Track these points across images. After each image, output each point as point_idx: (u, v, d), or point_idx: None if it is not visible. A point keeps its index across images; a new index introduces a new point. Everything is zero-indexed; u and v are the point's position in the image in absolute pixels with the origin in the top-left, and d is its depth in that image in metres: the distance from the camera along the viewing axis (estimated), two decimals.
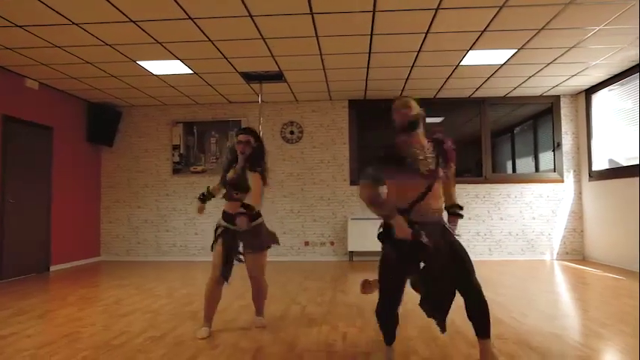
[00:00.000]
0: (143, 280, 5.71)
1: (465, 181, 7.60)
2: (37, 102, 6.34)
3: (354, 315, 3.80)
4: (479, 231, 7.45)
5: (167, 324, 3.58)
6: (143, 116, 7.90)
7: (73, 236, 7.12)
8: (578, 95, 7.37)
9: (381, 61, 5.70)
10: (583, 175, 7.30)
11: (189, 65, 5.72)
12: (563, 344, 2.95)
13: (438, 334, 3.19)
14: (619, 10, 4.24)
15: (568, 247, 7.34)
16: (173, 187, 7.84)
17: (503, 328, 3.33)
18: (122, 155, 7.92)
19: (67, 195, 6.96)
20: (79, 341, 3.14)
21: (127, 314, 3.92)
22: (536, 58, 5.64)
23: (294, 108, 7.75)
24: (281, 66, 5.82)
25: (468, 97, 7.51)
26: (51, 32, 4.61)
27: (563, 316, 3.67)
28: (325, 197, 7.61)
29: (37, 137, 6.37)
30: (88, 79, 6.27)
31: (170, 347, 3.00)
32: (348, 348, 2.96)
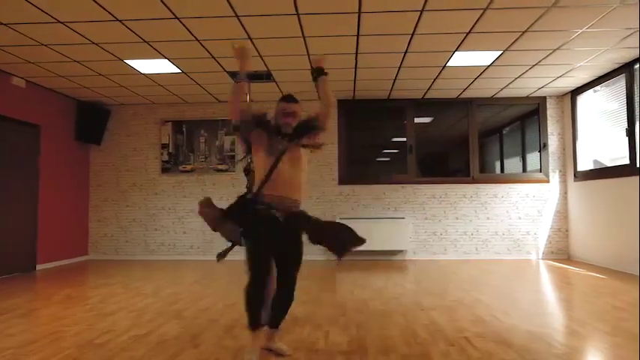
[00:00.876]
0: (130, 278, 5.71)
1: (452, 181, 7.67)
2: (24, 100, 6.30)
3: (337, 314, 3.83)
4: (466, 230, 7.52)
5: (152, 323, 3.59)
6: (132, 115, 7.88)
7: (61, 235, 7.09)
8: (564, 96, 7.46)
9: (369, 62, 5.74)
10: (568, 175, 7.40)
11: (177, 64, 5.72)
12: (541, 342, 3.00)
13: (418, 332, 3.25)
14: (601, 14, 4.31)
15: (553, 246, 7.43)
16: (162, 186, 7.83)
17: (484, 327, 3.38)
18: (111, 154, 7.89)
19: (54, 194, 6.93)
20: (63, 340, 3.15)
21: (112, 313, 3.93)
22: (522, 60, 5.70)
23: None
24: (269, 66, 5.84)
25: (456, 97, 7.57)
26: (37, 30, 4.59)
27: (544, 315, 3.73)
28: (314, 197, 7.63)
29: (24, 135, 6.34)
30: (76, 78, 6.25)
31: (153, 345, 3.02)
32: (329, 347, 2.99)
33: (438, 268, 6.52)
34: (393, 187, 7.60)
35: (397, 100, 7.66)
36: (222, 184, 7.71)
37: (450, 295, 4.55)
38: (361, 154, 8.32)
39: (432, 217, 7.57)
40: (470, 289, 4.90)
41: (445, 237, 7.55)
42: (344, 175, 7.66)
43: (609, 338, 3.11)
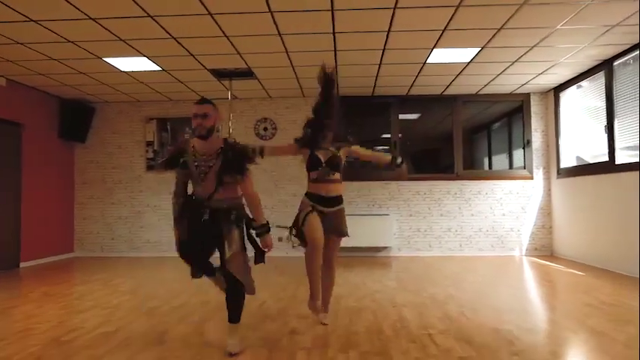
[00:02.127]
0: (112, 275, 5.73)
1: (437, 177, 7.69)
2: (4, 99, 6.30)
3: (309, 311, 3.85)
4: (450, 227, 7.55)
5: (123, 320, 3.61)
6: (117, 113, 7.88)
7: (45, 233, 7.10)
8: (548, 93, 7.48)
9: (349, 59, 5.74)
10: (552, 172, 7.42)
11: (156, 62, 5.72)
12: (502, 340, 3.03)
13: (384, 329, 3.28)
14: (574, 11, 4.32)
15: (537, 243, 7.47)
16: (147, 183, 7.84)
17: (450, 324, 3.41)
18: (96, 152, 7.90)
19: (38, 192, 6.94)
20: (31, 337, 3.17)
21: (86, 310, 3.95)
22: (501, 57, 5.72)
23: (267, 104, 7.78)
24: (249, 63, 5.85)
25: (441, 93, 7.58)
26: (10, 29, 4.58)
27: (512, 312, 3.76)
28: (299, 193, 7.59)
29: (4, 134, 6.34)
30: (57, 76, 6.24)
31: (118, 342, 3.05)
32: (292, 343, 3.02)
33: (421, 264, 6.55)
34: (377, 183, 7.62)
35: (382, 97, 7.67)
36: None
37: (424, 292, 4.58)
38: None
39: (417, 213, 7.60)
40: (447, 285, 4.94)
41: (429, 233, 7.58)
42: None
43: (570, 335, 3.14)
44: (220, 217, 2.84)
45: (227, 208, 2.86)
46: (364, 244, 7.23)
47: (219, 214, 2.84)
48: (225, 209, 2.85)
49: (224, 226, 2.83)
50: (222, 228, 2.83)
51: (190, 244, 2.88)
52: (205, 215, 2.82)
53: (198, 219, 2.83)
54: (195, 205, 2.89)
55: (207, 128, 2.78)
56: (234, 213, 2.88)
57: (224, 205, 2.85)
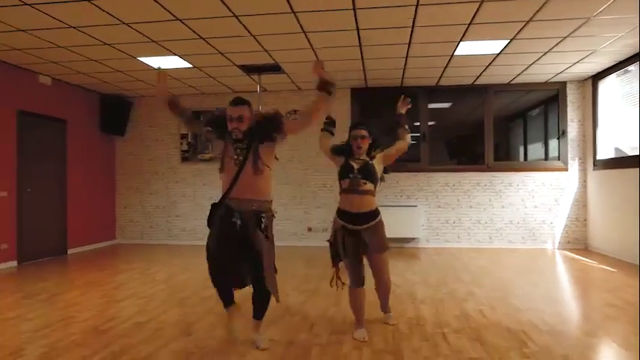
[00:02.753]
0: (149, 264, 6.08)
1: (466, 169, 7.62)
2: (50, 97, 6.71)
3: (329, 305, 4.01)
4: (479, 219, 7.49)
5: (155, 310, 3.88)
6: (153, 106, 8.21)
7: (90, 221, 7.58)
8: (586, 81, 7.21)
9: (375, 53, 5.75)
10: (588, 163, 7.19)
11: (187, 60, 5.93)
12: (515, 341, 3.07)
13: (400, 326, 3.38)
14: (606, 2, 4.17)
15: (570, 236, 7.30)
16: (182, 174, 8.17)
17: (465, 323, 3.47)
18: (134, 144, 8.29)
19: (82, 183, 7.39)
20: (72, 325, 3.48)
21: (123, 299, 4.26)
22: (532, 48, 5.57)
23: (297, 97, 7.88)
24: (276, 59, 5.96)
25: (472, 84, 7.45)
26: (53, 35, 4.89)
27: (531, 311, 3.76)
28: (328, 184, 7.78)
29: (51, 130, 6.77)
30: (96, 74, 6.58)
31: (150, 333, 3.29)
32: (309, 338, 3.17)
33: (448, 256, 6.56)
34: (405, 175, 7.63)
35: (411, 88, 7.61)
36: None
37: (445, 288, 4.63)
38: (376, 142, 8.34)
39: (445, 205, 7.57)
40: (469, 280, 4.96)
41: (458, 225, 7.54)
42: None
43: (586, 339, 3.14)
44: (251, 224, 2.73)
45: (257, 210, 2.76)
46: (392, 234, 7.09)
47: (249, 221, 2.73)
48: (255, 212, 2.75)
49: (255, 238, 2.73)
50: (253, 241, 2.73)
51: (221, 259, 2.80)
52: (237, 220, 2.70)
53: (229, 227, 2.72)
54: (224, 211, 2.77)
55: (243, 132, 2.72)
56: (264, 219, 2.77)
57: (253, 206, 2.75)
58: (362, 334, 3.13)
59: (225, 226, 2.75)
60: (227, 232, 2.75)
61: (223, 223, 2.77)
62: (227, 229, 2.75)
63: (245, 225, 2.73)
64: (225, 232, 2.76)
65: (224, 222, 2.77)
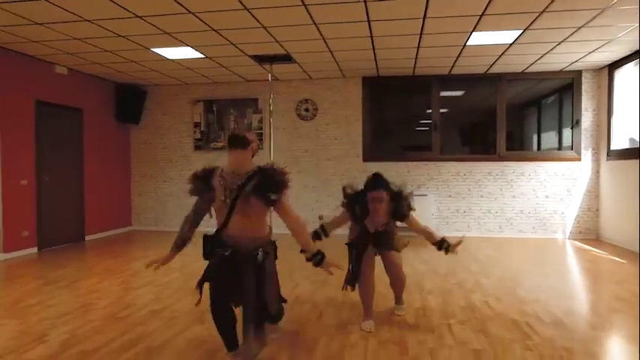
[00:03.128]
0: (163, 251, 6.21)
1: (477, 158, 7.61)
2: (66, 86, 6.84)
3: (338, 294, 4.09)
4: (490, 208, 7.50)
5: (170, 298, 4.02)
6: (166, 95, 8.31)
7: (106, 208, 7.77)
8: (601, 70, 7.10)
9: (386, 43, 5.74)
10: (602, 153, 7.13)
11: (200, 51, 5.99)
12: (519, 332, 3.14)
13: (406, 317, 3.47)
14: None
15: (582, 226, 7.28)
16: (195, 162, 8.27)
17: (471, 314, 3.54)
18: (148, 132, 8.42)
19: (98, 171, 7.56)
20: (92, 312, 3.64)
21: (139, 287, 4.41)
22: (546, 38, 5.50)
23: (308, 85, 7.90)
24: (288, 49, 5.98)
25: (485, 72, 7.39)
26: (68, 28, 4.98)
27: (536, 302, 3.82)
28: (339, 173, 7.84)
29: (68, 119, 6.92)
30: (110, 64, 6.68)
31: (165, 321, 3.44)
32: (318, 327, 3.28)
33: None
34: (416, 164, 7.65)
35: (423, 77, 7.58)
36: None
37: (454, 277, 4.70)
38: (387, 131, 8.38)
39: (456, 194, 7.59)
40: (478, 271, 5.02)
41: (469, 214, 7.57)
42: (368, 152, 7.78)
43: (590, 332, 3.19)
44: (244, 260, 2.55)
45: (253, 248, 2.56)
46: (402, 224, 7.33)
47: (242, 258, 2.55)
48: (251, 250, 2.55)
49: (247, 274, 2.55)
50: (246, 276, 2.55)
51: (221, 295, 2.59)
52: (227, 252, 2.53)
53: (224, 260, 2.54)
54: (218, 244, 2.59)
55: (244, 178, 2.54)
56: (260, 254, 2.56)
57: (250, 246, 2.55)
58: (369, 326, 3.22)
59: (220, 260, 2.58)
60: (222, 264, 2.57)
61: (218, 255, 2.59)
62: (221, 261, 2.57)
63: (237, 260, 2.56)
64: (221, 265, 2.57)
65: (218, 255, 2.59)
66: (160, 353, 2.83)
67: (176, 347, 2.93)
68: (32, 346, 2.93)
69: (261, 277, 2.56)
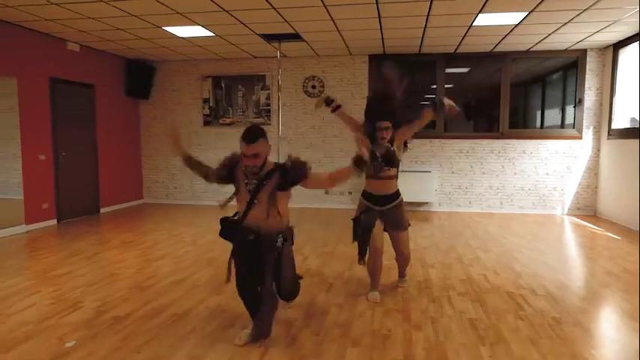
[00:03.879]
0: (174, 225, 6.52)
1: (480, 136, 7.78)
2: (78, 63, 6.98)
3: (344, 269, 4.38)
4: (491, 185, 7.72)
5: (187, 270, 4.30)
6: (175, 71, 8.43)
7: (119, 182, 8.03)
8: (606, 49, 7.17)
9: (393, 24, 5.83)
10: (602, 132, 7.28)
11: (210, 30, 6.10)
12: (512, 304, 3.41)
13: (410, 289, 3.74)
14: None
15: (580, 202, 7.51)
16: (204, 137, 8.49)
17: (470, 286, 3.81)
18: (158, 108, 8.58)
19: (111, 145, 7.78)
20: (117, 282, 3.92)
21: (158, 259, 4.70)
22: (551, 19, 5.58)
23: (315, 63, 8.00)
24: (297, 29, 6.08)
25: (490, 51, 7.47)
26: (82, 7, 5.10)
27: (531, 276, 4.08)
28: (345, 149, 8.03)
29: (80, 95, 7.09)
30: (122, 41, 6.80)
31: (187, 290, 3.72)
32: (327, 299, 3.55)
33: (459, 220, 6.87)
34: (420, 141, 7.82)
35: (429, 55, 7.66)
36: None
37: (454, 252, 4.97)
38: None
39: (459, 171, 7.80)
40: (477, 246, 5.28)
41: (470, 190, 7.80)
42: None
43: (578, 304, 3.45)
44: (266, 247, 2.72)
45: (273, 235, 2.73)
46: (406, 199, 7.40)
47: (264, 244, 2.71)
48: (271, 237, 2.73)
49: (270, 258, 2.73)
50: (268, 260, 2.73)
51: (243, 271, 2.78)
52: (251, 236, 2.70)
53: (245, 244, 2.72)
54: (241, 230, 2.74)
55: (259, 166, 2.61)
56: (280, 241, 2.74)
57: (270, 233, 2.72)
58: (375, 296, 3.49)
59: (243, 244, 2.75)
60: (245, 248, 2.75)
61: (240, 241, 2.77)
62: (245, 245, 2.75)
63: (260, 245, 2.71)
64: (244, 248, 2.75)
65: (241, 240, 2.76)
66: (186, 320, 3.11)
67: (199, 314, 3.21)
68: (70, 312, 3.22)
69: (279, 262, 2.74)
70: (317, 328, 2.99)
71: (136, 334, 2.88)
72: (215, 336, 2.86)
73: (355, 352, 2.65)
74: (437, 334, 2.88)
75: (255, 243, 2.71)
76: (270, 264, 2.73)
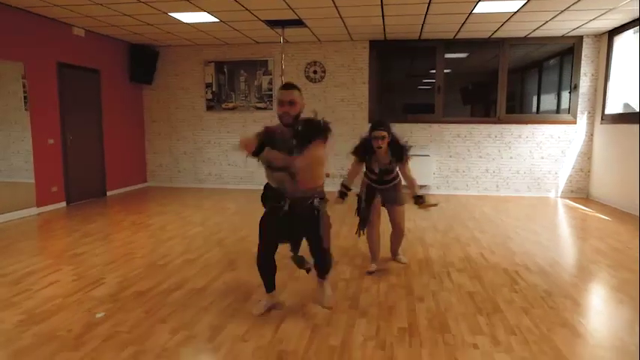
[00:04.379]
0: (182, 207, 6.72)
1: (478, 121, 7.97)
2: (84, 48, 7.08)
3: (348, 247, 4.60)
4: (488, 168, 7.94)
5: (199, 249, 4.51)
6: (178, 56, 8.52)
7: (124, 165, 8.19)
8: (602, 36, 7.33)
9: (395, 11, 5.96)
10: (596, 117, 7.49)
11: (215, 16, 6.21)
12: (507, 279, 3.65)
13: (411, 265, 3.97)
14: None
15: (574, 185, 7.76)
16: (207, 122, 8.64)
17: (468, 264, 4.05)
18: (161, 92, 8.70)
19: (116, 129, 7.92)
20: (134, 261, 4.13)
21: (169, 239, 4.90)
22: (549, 6, 5.73)
23: (317, 48, 8.12)
24: (300, 15, 6.20)
25: (488, 37, 7.61)
26: None
27: (525, 254, 4.33)
28: (345, 134, 8.18)
29: (87, 80, 7.20)
30: (127, 27, 6.89)
31: (200, 268, 3.93)
32: (335, 275, 3.78)
33: (456, 203, 7.10)
34: (419, 125, 8.01)
35: (429, 40, 7.80)
36: (261, 121, 8.40)
37: (452, 232, 5.20)
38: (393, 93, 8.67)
39: (456, 154, 8.01)
40: (474, 226, 5.52)
41: (467, 174, 8.02)
42: (374, 114, 8.11)
43: (568, 278, 3.70)
44: (302, 211, 2.77)
45: (307, 197, 2.78)
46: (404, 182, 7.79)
47: (299, 208, 2.77)
48: (306, 199, 2.78)
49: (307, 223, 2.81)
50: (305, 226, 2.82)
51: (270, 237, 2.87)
52: (285, 205, 2.76)
53: (278, 210, 2.77)
54: (275, 195, 2.80)
55: (293, 116, 2.68)
56: (316, 203, 2.79)
57: (303, 194, 2.76)
58: (372, 266, 3.79)
59: (275, 209, 2.82)
60: (276, 215, 2.81)
61: (273, 206, 2.84)
62: (277, 212, 2.81)
63: (294, 212, 2.78)
64: (275, 215, 2.82)
65: (274, 205, 2.83)
66: (204, 294, 3.33)
67: (216, 289, 3.43)
68: (94, 287, 3.43)
69: (317, 220, 2.82)
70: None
71: (159, 306, 3.10)
72: (233, 307, 3.08)
73: (363, 321, 2.88)
74: (438, 306, 3.12)
75: (289, 209, 2.76)
76: (311, 225, 2.81)
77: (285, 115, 2.69)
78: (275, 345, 2.58)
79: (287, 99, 2.67)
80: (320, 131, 2.70)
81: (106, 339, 2.63)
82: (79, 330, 2.73)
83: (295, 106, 2.69)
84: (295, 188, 2.74)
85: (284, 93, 2.69)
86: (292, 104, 2.68)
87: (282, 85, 2.78)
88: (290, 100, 2.67)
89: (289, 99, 2.67)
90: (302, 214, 2.81)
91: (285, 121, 2.70)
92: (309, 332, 2.74)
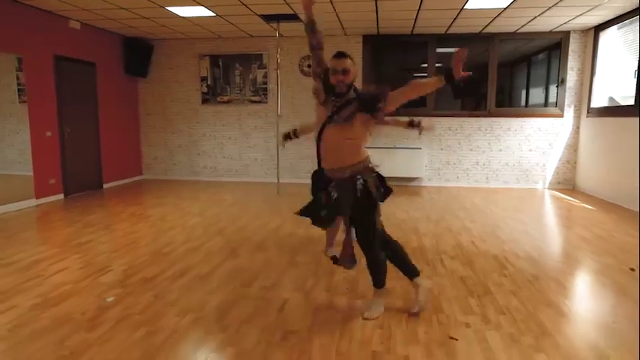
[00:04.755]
0: (178, 199, 6.82)
1: (468, 114, 8.16)
2: (80, 41, 7.12)
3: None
4: (478, 161, 8.15)
5: (200, 238, 4.65)
6: (172, 49, 8.58)
7: (120, 158, 8.26)
8: (588, 31, 7.54)
9: (388, 6, 6.11)
10: (583, 110, 7.72)
11: (212, 10, 6.29)
12: (497, 264, 3.85)
13: None
14: None
15: (560, 177, 8.00)
16: (202, 115, 8.72)
17: (459, 251, 4.24)
18: (156, 86, 8.76)
19: (111, 122, 7.99)
20: (138, 249, 4.25)
21: (170, 229, 5.02)
22: (537, 2, 5.92)
23: None
24: (296, 10, 6.31)
25: (479, 32, 7.79)
26: None
27: (513, 242, 4.54)
28: None
29: (83, 73, 7.25)
30: (123, 20, 6.94)
31: (203, 256, 4.07)
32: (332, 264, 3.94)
33: (447, 195, 7.31)
34: None
35: (420, 35, 7.95)
36: (256, 115, 8.53)
37: (444, 222, 5.39)
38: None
39: (447, 147, 8.20)
40: (464, 217, 5.72)
41: (458, 166, 8.22)
42: None
43: (553, 264, 3.91)
44: (347, 193, 2.67)
45: (351, 176, 2.67)
46: (397, 174, 7.99)
47: (345, 190, 2.67)
48: (350, 178, 2.67)
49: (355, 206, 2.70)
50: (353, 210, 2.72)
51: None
52: (334, 193, 2.68)
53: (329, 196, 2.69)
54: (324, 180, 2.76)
55: (347, 85, 2.62)
56: (360, 181, 2.66)
57: (346, 173, 2.67)
58: (331, 252, 3.72)
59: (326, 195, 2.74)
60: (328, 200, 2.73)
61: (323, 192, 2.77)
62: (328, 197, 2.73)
63: (342, 195, 2.69)
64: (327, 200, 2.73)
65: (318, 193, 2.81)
66: (209, 279, 3.48)
67: (221, 275, 3.58)
68: (102, 273, 3.56)
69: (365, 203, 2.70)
70: (327, 286, 3.39)
71: (167, 291, 3.24)
72: (238, 292, 3.24)
73: (362, 303, 3.05)
74: (432, 289, 3.29)
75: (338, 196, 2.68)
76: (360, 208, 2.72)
77: (339, 84, 2.62)
78: (280, 325, 2.74)
79: (340, 67, 2.61)
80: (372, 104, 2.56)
81: (119, 321, 2.77)
82: (92, 313, 2.87)
83: (349, 74, 2.62)
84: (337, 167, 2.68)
85: (337, 62, 2.62)
86: (345, 73, 2.61)
87: (335, 54, 2.66)
88: (343, 68, 2.61)
89: (342, 67, 2.61)
90: (347, 201, 2.69)
91: (339, 90, 2.63)
92: (312, 314, 2.90)
